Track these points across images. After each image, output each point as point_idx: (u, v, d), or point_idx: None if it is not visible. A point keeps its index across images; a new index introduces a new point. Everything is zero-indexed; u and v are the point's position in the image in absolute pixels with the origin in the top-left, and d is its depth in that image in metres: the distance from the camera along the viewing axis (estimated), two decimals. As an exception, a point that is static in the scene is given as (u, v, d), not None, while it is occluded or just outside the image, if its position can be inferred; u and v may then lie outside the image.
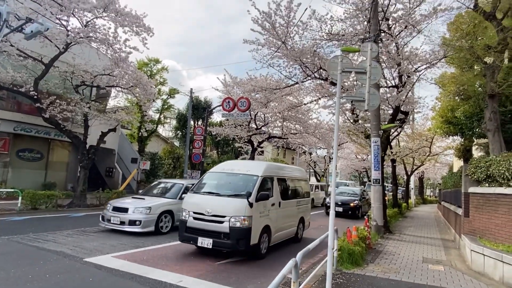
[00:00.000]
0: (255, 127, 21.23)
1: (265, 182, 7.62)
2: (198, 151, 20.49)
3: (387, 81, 13.90)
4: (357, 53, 11.10)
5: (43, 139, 17.01)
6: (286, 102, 17.57)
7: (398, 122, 14.42)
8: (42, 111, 12.80)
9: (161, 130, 33.23)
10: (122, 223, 8.88)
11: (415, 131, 22.34)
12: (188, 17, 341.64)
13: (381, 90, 12.97)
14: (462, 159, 20.01)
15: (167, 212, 9.54)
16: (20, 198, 11.88)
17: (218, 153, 33.41)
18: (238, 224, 6.59)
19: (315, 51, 11.80)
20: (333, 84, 12.19)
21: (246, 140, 21.86)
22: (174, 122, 32.05)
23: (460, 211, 9.44)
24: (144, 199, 9.69)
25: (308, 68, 12.36)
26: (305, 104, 17.71)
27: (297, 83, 13.86)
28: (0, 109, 14.97)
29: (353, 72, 5.62)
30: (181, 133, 30.59)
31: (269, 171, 7.95)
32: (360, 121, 15.45)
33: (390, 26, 11.50)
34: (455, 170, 21.06)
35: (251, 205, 6.70)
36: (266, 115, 21.17)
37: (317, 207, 21.66)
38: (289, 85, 14.53)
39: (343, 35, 11.48)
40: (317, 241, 5.01)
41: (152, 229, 8.98)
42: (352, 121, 15.73)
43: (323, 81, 12.94)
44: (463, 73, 12.58)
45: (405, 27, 11.24)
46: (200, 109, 28.70)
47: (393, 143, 19.59)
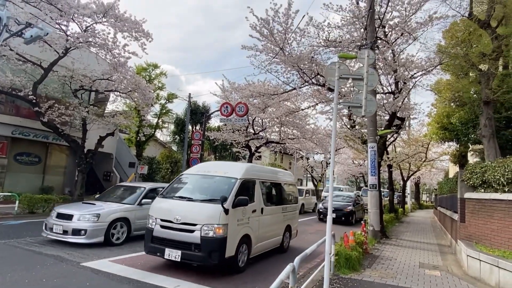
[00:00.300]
0: (253, 132, 21.27)
1: (246, 185, 6.79)
2: (196, 156, 20.46)
3: (383, 88, 14.00)
4: (354, 60, 11.18)
5: (41, 143, 16.92)
6: (283, 107, 17.64)
7: (394, 128, 14.49)
8: (40, 115, 12.76)
9: (159, 134, 33.22)
10: (65, 232, 7.62)
11: (411, 137, 22.44)
12: (187, 23, 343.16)
13: (378, 96, 13.03)
14: (457, 165, 20.08)
15: (121, 219, 8.25)
16: (17, 202, 11.79)
17: (216, 157, 33.36)
18: (211, 233, 5.76)
19: (313, 57, 11.89)
20: (330, 90, 12.25)
21: (243, 145, 21.88)
22: (172, 126, 32.07)
23: (456, 217, 9.46)
24: (94, 205, 8.52)
25: (305, 74, 12.42)
26: (302, 109, 17.78)
27: (294, 88, 13.92)
28: (-2, 113, 14.90)
29: (350, 78, 5.66)
30: (179, 138, 30.54)
31: (250, 173, 7.16)
32: (357, 127, 15.51)
33: (386, 33, 11.60)
34: (450, 175, 21.12)
35: (226, 211, 5.88)
36: (263, 120, 21.23)
37: (308, 213, 20.99)
38: (286, 90, 14.61)
39: (340, 42, 11.57)
40: (314, 246, 5.01)
41: (100, 239, 7.74)
42: (349, 126, 15.77)
43: (320, 87, 13.01)
44: (458, 80, 12.70)
45: (401, 34, 11.35)
46: (198, 114, 28.71)
47: (390, 149, 19.64)
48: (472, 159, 17.91)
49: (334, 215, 16.17)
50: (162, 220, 6.19)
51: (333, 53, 12.16)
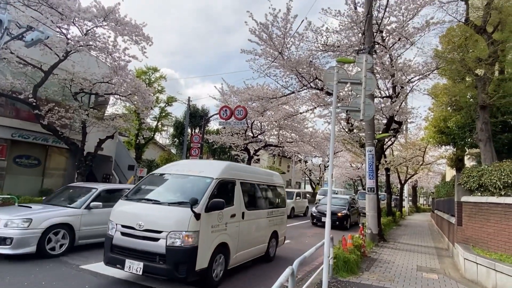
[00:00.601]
0: (252, 135, 21.29)
1: (223, 186, 6.01)
2: (195, 159, 20.44)
3: (381, 92, 14.04)
4: (352, 64, 11.22)
5: (41, 145, 16.86)
6: (282, 111, 17.68)
7: (392, 131, 14.53)
8: (40, 117, 12.72)
9: (158, 137, 33.18)
10: None
11: (408, 141, 22.48)
12: (186, 26, 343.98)
13: (376, 100, 13.07)
14: (454, 169, 20.16)
15: (61, 226, 6.98)
16: (16, 204, 11.73)
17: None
18: (178, 242, 4.92)
19: (311, 61, 11.92)
20: (329, 94, 12.28)
21: (242, 148, 21.90)
22: (171, 129, 32.10)
23: (453, 220, 9.47)
24: (30, 208, 7.32)
25: (304, 78, 12.45)
26: (301, 113, 17.83)
27: (293, 92, 13.96)
28: (-2, 116, 14.86)
29: (349, 82, 5.68)
30: (178, 141, 30.57)
31: (229, 173, 6.34)
32: (355, 130, 15.54)
33: (384, 38, 11.65)
34: (447, 179, 21.19)
35: (197, 216, 5.04)
36: (262, 124, 21.25)
37: (299, 217, 20.04)
38: (285, 94, 14.63)
39: (339, 47, 11.61)
40: (312, 249, 5.00)
41: (32, 249, 6.47)
42: (347, 130, 15.80)
43: (318, 91, 13.04)
44: (455, 84, 12.77)
45: (399, 39, 11.39)
46: (197, 117, 28.77)
47: (387, 152, 19.67)
48: (469, 162, 17.98)
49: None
50: (123, 226, 5.33)
51: (331, 58, 12.20)
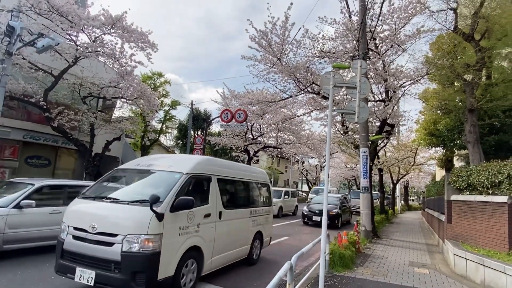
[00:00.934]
0: (251, 137, 21.29)
1: (196, 183, 5.19)
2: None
3: (374, 96, 14.05)
4: (347, 70, 11.23)
5: (51, 146, 16.84)
6: (280, 114, 17.68)
7: (385, 133, 14.54)
8: (50, 120, 12.72)
9: (163, 139, 33.10)
10: None
11: (400, 143, 22.51)
12: (190, 34, 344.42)
13: (369, 104, 13.08)
14: (444, 169, 20.12)
15: None
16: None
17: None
18: (136, 247, 4.07)
19: (308, 67, 11.94)
20: (325, 98, 12.30)
21: (242, 149, 21.91)
22: (175, 131, 32.07)
23: (443, 218, 9.46)
24: None
25: (301, 82, 12.47)
26: (298, 116, 17.82)
27: (291, 96, 13.98)
28: (10, 118, 14.82)
29: (344, 87, 5.69)
30: (181, 142, 30.54)
31: (203, 168, 5.41)
32: (349, 133, 15.54)
33: (377, 45, 11.68)
34: (437, 179, 21.16)
35: (160, 216, 4.18)
36: (261, 126, 21.25)
37: (287, 216, 18.85)
38: (283, 98, 14.64)
39: (334, 53, 11.63)
40: (310, 245, 5.00)
41: None
42: (342, 132, 15.81)
43: (315, 95, 13.06)
44: (444, 89, 12.78)
45: (391, 46, 11.42)
46: (200, 119, 28.76)
47: (380, 154, 19.67)
48: (457, 163, 17.97)
49: (318, 218, 14.58)
50: (75, 228, 4.47)
51: (327, 63, 12.22)
